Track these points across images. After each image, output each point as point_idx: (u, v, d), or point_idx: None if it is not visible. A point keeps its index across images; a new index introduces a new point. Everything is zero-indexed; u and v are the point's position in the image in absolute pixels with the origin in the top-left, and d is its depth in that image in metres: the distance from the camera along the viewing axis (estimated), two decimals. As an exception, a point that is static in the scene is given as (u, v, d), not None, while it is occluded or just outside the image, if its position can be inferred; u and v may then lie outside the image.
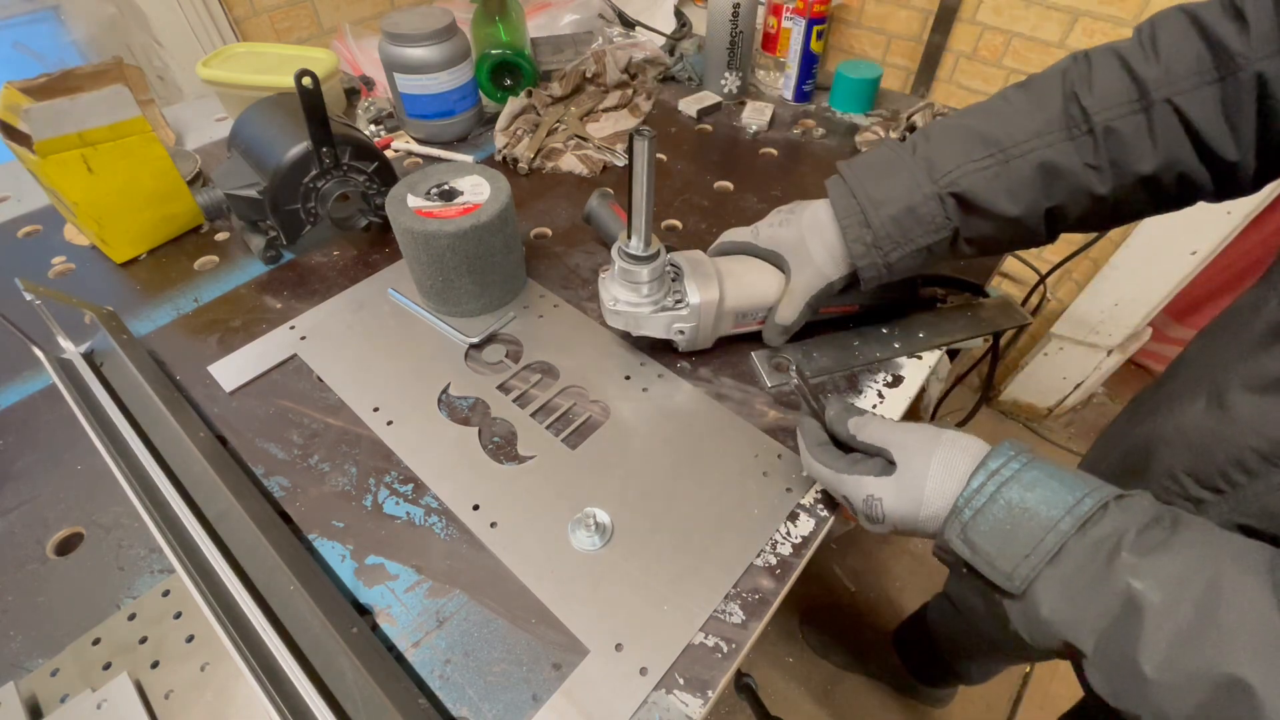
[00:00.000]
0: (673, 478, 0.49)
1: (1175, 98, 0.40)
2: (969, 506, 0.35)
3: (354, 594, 0.43)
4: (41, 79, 0.72)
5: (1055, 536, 0.32)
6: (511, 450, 0.51)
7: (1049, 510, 0.33)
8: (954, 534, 0.35)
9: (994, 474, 0.35)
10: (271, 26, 1.37)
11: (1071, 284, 1.48)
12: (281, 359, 0.58)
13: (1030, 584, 0.32)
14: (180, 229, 0.72)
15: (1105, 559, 0.31)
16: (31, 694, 0.38)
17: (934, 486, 0.36)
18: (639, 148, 0.43)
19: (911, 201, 0.46)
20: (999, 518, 0.34)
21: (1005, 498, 0.34)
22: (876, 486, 0.39)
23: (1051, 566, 0.32)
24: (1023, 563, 0.32)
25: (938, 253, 0.48)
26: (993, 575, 0.34)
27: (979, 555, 0.34)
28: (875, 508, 0.39)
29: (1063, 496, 0.33)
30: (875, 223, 0.47)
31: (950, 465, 0.36)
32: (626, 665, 0.40)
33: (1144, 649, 0.29)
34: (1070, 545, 0.32)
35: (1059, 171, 0.44)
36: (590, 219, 0.69)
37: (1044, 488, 0.33)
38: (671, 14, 1.15)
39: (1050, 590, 0.32)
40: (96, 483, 0.49)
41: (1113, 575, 0.30)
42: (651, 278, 0.51)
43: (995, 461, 0.35)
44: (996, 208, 0.45)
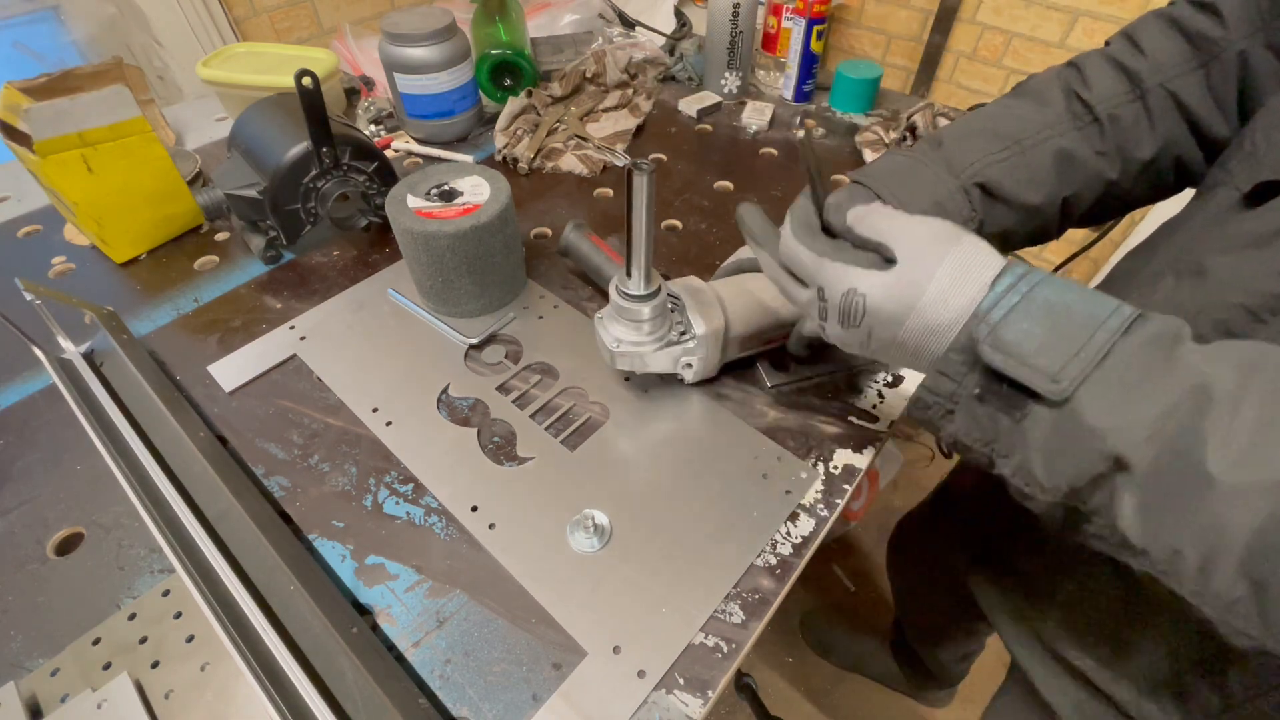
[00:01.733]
0: (672, 479, 0.49)
1: (1167, 83, 0.44)
2: (999, 306, 0.30)
3: (354, 594, 0.43)
4: (41, 79, 0.72)
5: (1105, 333, 0.28)
6: (511, 451, 0.51)
7: (1092, 308, 0.29)
8: (983, 336, 0.30)
9: (1024, 276, 0.31)
10: (271, 26, 1.38)
11: (1071, 284, 1.48)
12: (281, 359, 0.58)
13: (1078, 385, 0.28)
14: (180, 229, 0.72)
15: (1164, 353, 0.28)
16: (31, 694, 0.38)
17: (937, 291, 0.31)
18: (638, 183, 0.40)
19: (938, 197, 0.45)
20: (1036, 316, 0.29)
21: (1042, 296, 0.30)
22: (862, 279, 0.33)
23: (1103, 366, 0.28)
24: (1072, 360, 0.28)
25: None
26: (1030, 378, 0.29)
27: (1013, 358, 0.29)
28: (855, 305, 0.33)
29: (1102, 300, 0.30)
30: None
31: (964, 270, 0.31)
32: (624, 667, 0.40)
33: (1213, 444, 0.25)
34: (1120, 344, 0.28)
35: (1073, 158, 0.45)
36: (567, 252, 0.65)
37: (1079, 291, 0.30)
38: (671, 14, 1.15)
39: (1099, 393, 0.28)
40: (96, 483, 0.49)
41: (1179, 365, 0.27)
42: (653, 315, 0.49)
43: (1021, 267, 0.31)
44: (1020, 197, 0.46)
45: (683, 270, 0.68)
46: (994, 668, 1.14)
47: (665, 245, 0.71)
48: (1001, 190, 0.46)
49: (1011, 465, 0.31)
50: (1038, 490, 0.30)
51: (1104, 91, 0.45)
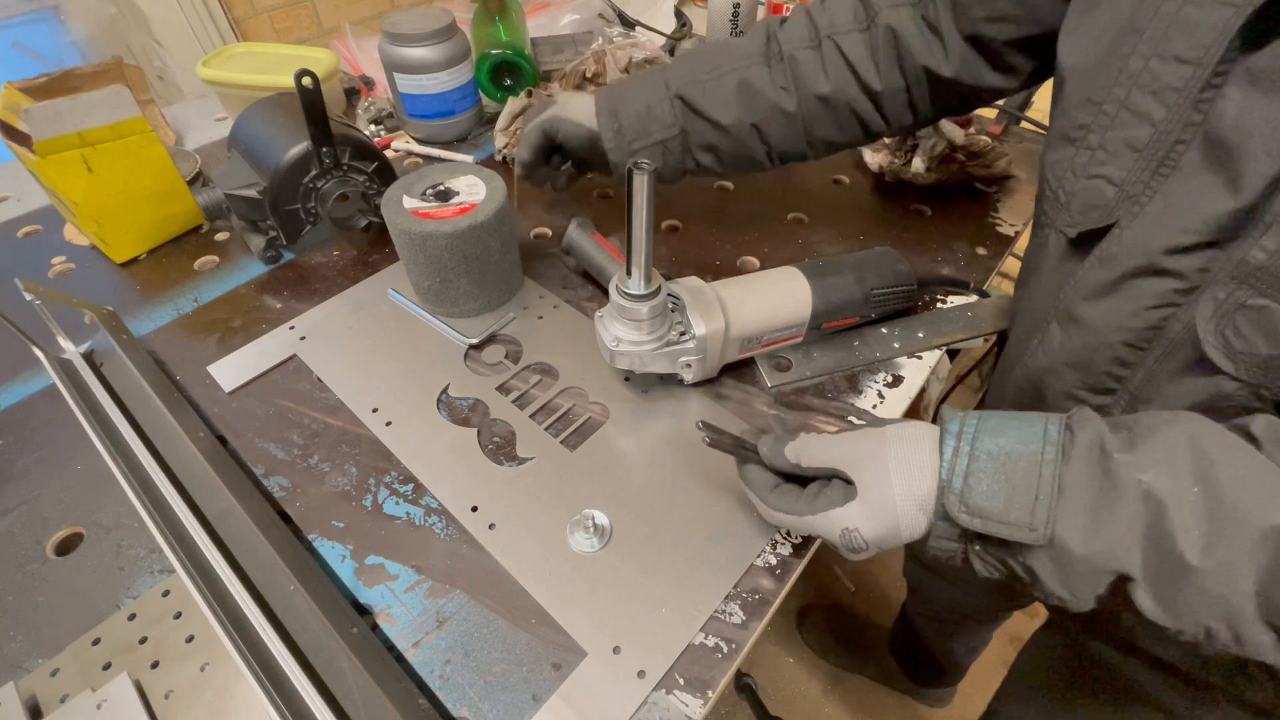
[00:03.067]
0: (672, 479, 0.49)
1: (836, 38, 0.54)
2: (955, 474, 0.32)
3: (354, 594, 0.43)
4: (41, 79, 0.72)
5: (1049, 467, 0.31)
6: (511, 451, 0.51)
7: (1028, 446, 0.31)
8: (955, 509, 0.32)
9: (960, 435, 0.33)
10: (271, 26, 1.38)
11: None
12: (281, 359, 0.58)
13: (1053, 525, 0.30)
14: (180, 229, 0.72)
15: (1102, 469, 0.30)
16: (31, 694, 0.38)
17: (903, 492, 0.34)
18: (639, 182, 0.40)
19: (650, 101, 0.57)
20: (989, 472, 0.32)
21: (984, 450, 0.32)
22: (847, 516, 0.36)
23: (1062, 499, 0.30)
24: (1035, 505, 0.30)
25: (673, 152, 0.58)
26: (1012, 533, 0.31)
27: (990, 519, 0.31)
28: (854, 538, 0.36)
29: (1030, 430, 0.32)
30: (622, 115, 0.57)
31: (909, 462, 0.34)
32: (624, 668, 0.40)
33: (1181, 539, 0.27)
34: (1065, 473, 0.31)
35: (754, 89, 0.55)
36: (570, 250, 0.65)
37: (1009, 430, 0.32)
38: (671, 14, 1.15)
39: (1073, 523, 0.30)
40: (96, 483, 0.49)
41: (1119, 480, 0.29)
42: (653, 314, 0.48)
43: (954, 424, 0.34)
44: (710, 114, 0.56)
45: (683, 270, 0.68)
46: (994, 667, 1.14)
47: (665, 245, 0.71)
48: (696, 105, 0.56)
49: (1039, 592, 0.33)
50: (1070, 604, 0.32)
51: (792, 35, 0.55)
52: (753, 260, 0.69)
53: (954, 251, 0.70)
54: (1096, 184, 0.39)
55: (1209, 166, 0.34)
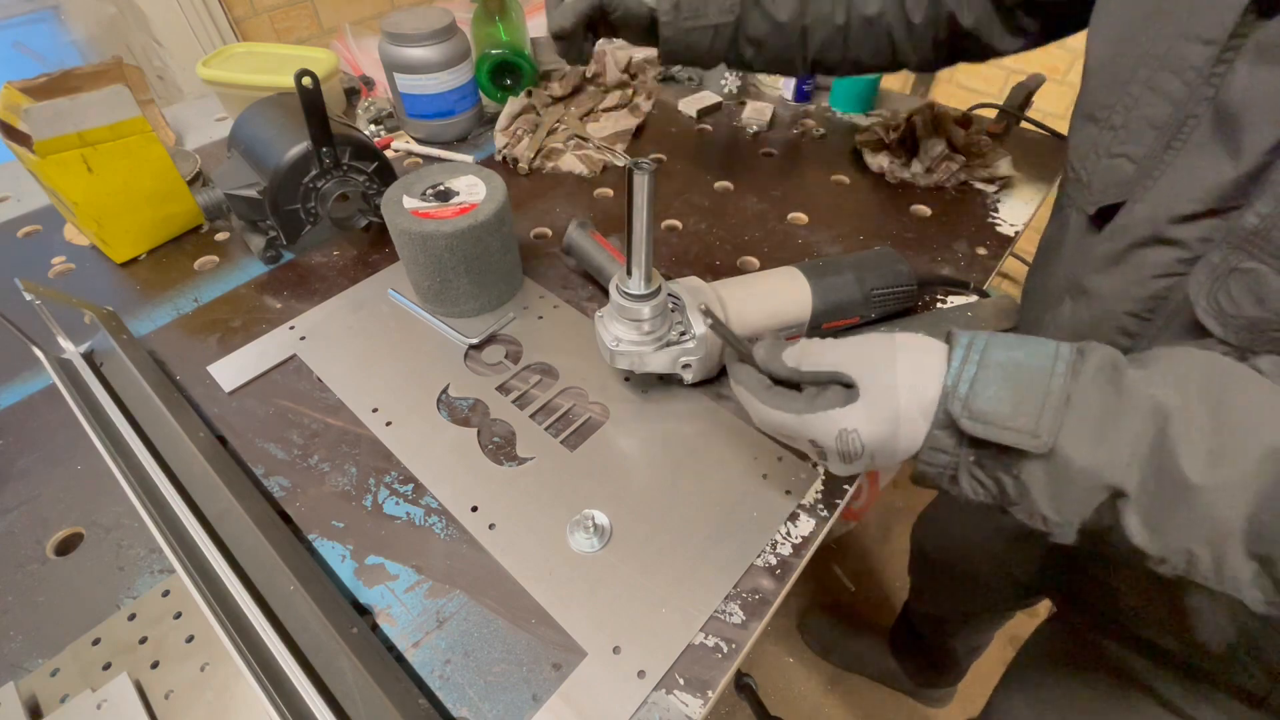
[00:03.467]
0: (672, 480, 0.49)
1: None
2: (963, 380, 0.32)
3: (354, 594, 0.43)
4: (41, 79, 0.72)
5: (1059, 380, 0.30)
6: (511, 451, 0.51)
7: (1039, 360, 0.31)
8: (959, 412, 0.32)
9: (971, 345, 0.33)
10: (271, 26, 1.38)
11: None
12: (281, 359, 0.58)
13: (1057, 434, 0.30)
14: (180, 229, 0.72)
15: (1113, 384, 0.30)
16: (31, 694, 0.38)
17: (907, 396, 0.33)
18: (639, 182, 0.40)
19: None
20: (998, 381, 0.31)
21: (994, 360, 0.32)
22: (847, 417, 0.34)
23: (1069, 409, 0.30)
24: (1043, 413, 0.30)
25: (722, 37, 0.61)
26: (1015, 440, 0.30)
27: (992, 425, 0.31)
28: (852, 440, 0.35)
29: (1041, 348, 0.32)
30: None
31: (918, 366, 0.34)
32: (624, 668, 0.40)
33: (1184, 455, 0.27)
34: (1074, 386, 0.30)
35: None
36: (570, 250, 0.65)
37: (1021, 346, 0.32)
38: (671, 14, 1.15)
39: (1077, 434, 0.30)
40: (96, 483, 0.49)
41: (1129, 395, 0.29)
42: (654, 314, 0.48)
43: (965, 337, 0.34)
44: (769, 6, 0.59)
45: (683, 270, 0.68)
46: (994, 667, 1.13)
47: (665, 245, 0.71)
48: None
49: (1023, 512, 0.33)
50: (1053, 527, 0.32)
51: None
52: (753, 260, 0.69)
53: (954, 251, 0.70)
54: (1118, 162, 0.40)
55: (1216, 138, 0.35)
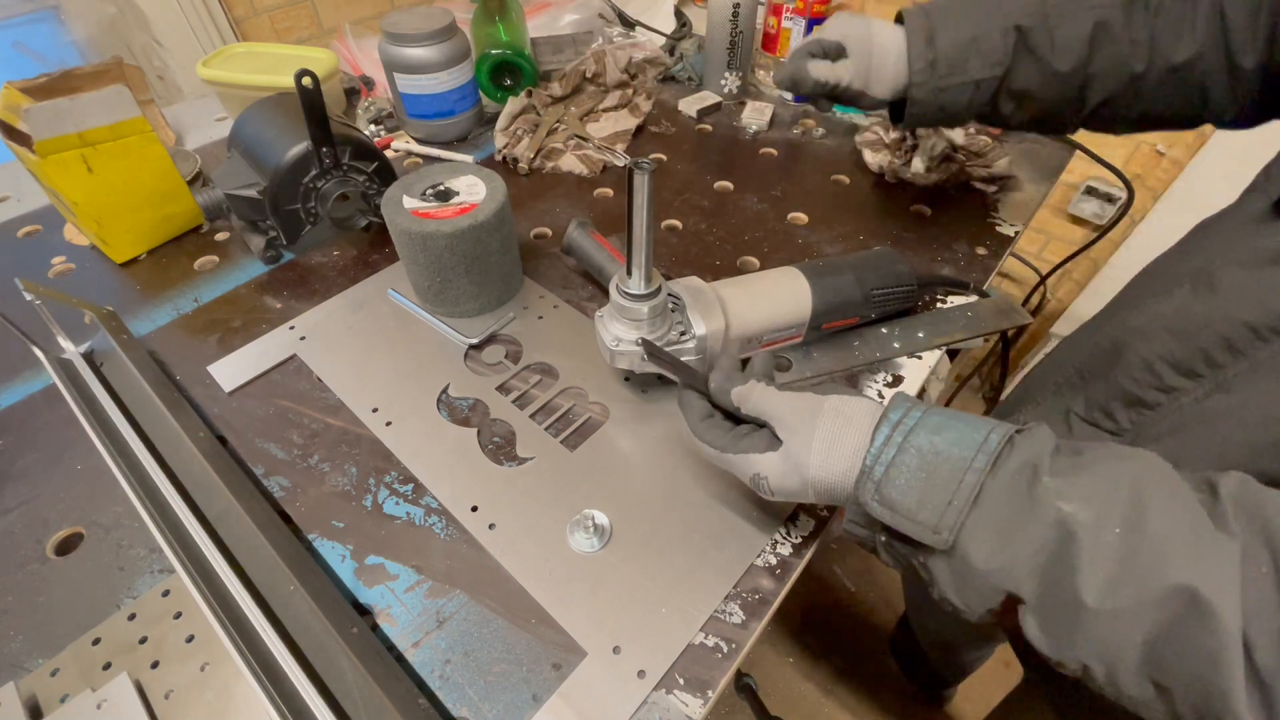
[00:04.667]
0: (672, 480, 0.49)
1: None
2: (879, 463, 0.32)
3: (354, 594, 0.43)
4: (41, 79, 0.72)
5: (973, 475, 0.30)
6: (511, 451, 0.51)
7: (960, 450, 0.31)
8: (868, 496, 0.32)
9: (898, 425, 0.33)
10: (271, 26, 1.38)
11: (1071, 284, 1.48)
12: (281, 359, 0.58)
13: (958, 533, 0.30)
14: (180, 229, 0.72)
15: (1026, 489, 0.29)
16: (31, 694, 0.38)
17: (818, 464, 0.34)
18: (639, 182, 0.40)
19: (978, 32, 0.50)
20: (913, 467, 0.31)
21: (915, 445, 0.32)
22: (761, 464, 0.37)
23: (976, 510, 0.30)
24: (946, 510, 0.30)
25: (984, 92, 0.52)
26: (917, 532, 0.31)
27: (899, 513, 0.31)
28: (763, 485, 0.37)
29: (970, 435, 0.31)
30: (941, 42, 0.50)
31: (834, 440, 0.34)
32: (624, 668, 0.40)
33: (1083, 577, 0.27)
34: (988, 484, 0.30)
35: (1109, 33, 0.48)
36: (570, 250, 0.65)
37: (950, 430, 0.32)
38: (671, 14, 1.15)
39: (979, 536, 0.30)
40: (96, 483, 0.49)
41: (1039, 504, 0.29)
42: (653, 314, 0.48)
43: (896, 413, 0.33)
44: (1048, 56, 0.49)
45: (683, 270, 0.68)
46: (993, 667, 1.14)
47: (665, 245, 0.71)
48: (1035, 43, 0.49)
49: (935, 594, 0.33)
50: (964, 613, 0.32)
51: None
52: (753, 260, 0.69)
53: (954, 251, 0.70)
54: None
55: None
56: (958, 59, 0.50)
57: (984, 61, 0.50)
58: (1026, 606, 0.29)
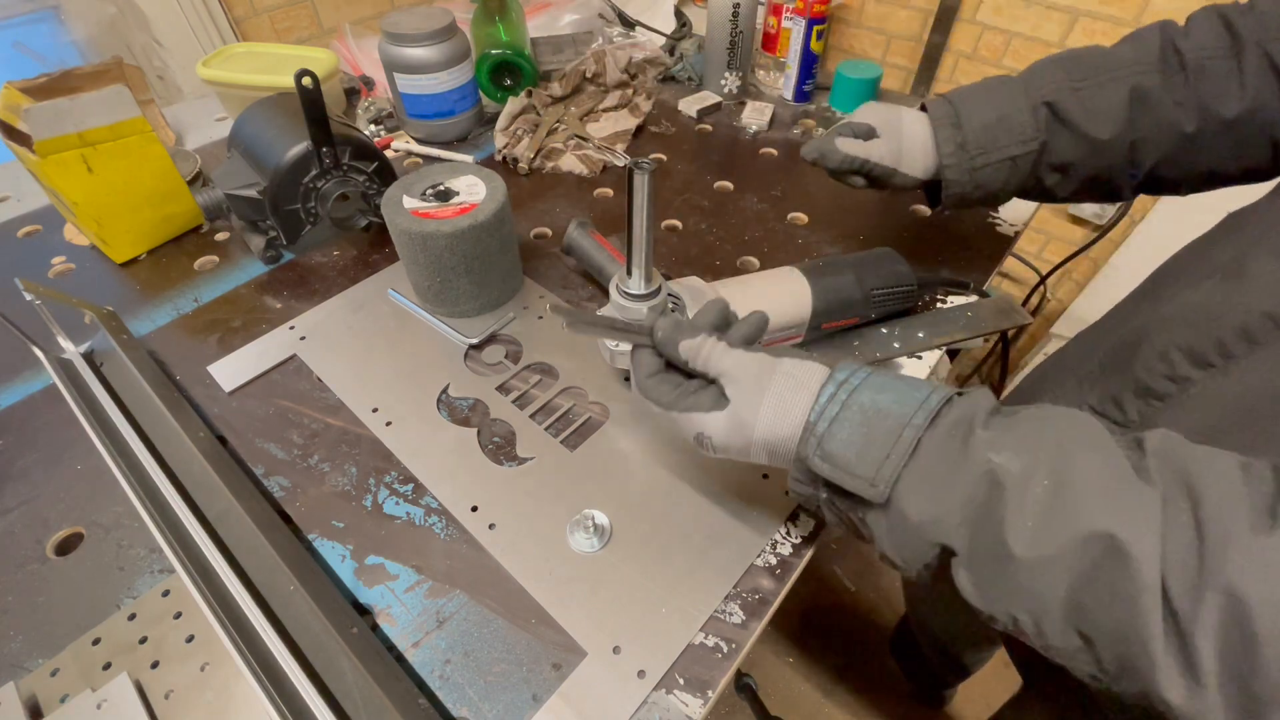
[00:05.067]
0: (672, 479, 0.49)
1: (1266, 44, 0.43)
2: (823, 418, 0.33)
3: (354, 594, 0.43)
4: (41, 79, 0.72)
5: (911, 431, 0.31)
6: (511, 451, 0.51)
7: (901, 408, 0.31)
8: (810, 451, 0.33)
9: (843, 384, 0.33)
10: (271, 26, 1.37)
11: (1071, 284, 1.48)
12: (281, 359, 0.58)
13: (893, 486, 0.31)
14: (180, 229, 0.72)
15: (960, 442, 0.30)
16: (31, 694, 0.38)
17: (766, 425, 0.35)
18: (639, 181, 0.40)
19: (1004, 111, 0.49)
20: (854, 423, 0.32)
21: (858, 402, 0.32)
22: (705, 423, 0.37)
23: (912, 463, 0.30)
24: (884, 464, 0.31)
25: (1022, 168, 0.50)
26: (855, 485, 0.31)
27: (838, 467, 0.32)
28: (706, 444, 0.37)
29: (912, 394, 0.32)
30: (967, 125, 0.50)
31: (783, 403, 0.34)
32: (624, 668, 0.40)
33: (1010, 525, 0.27)
34: (925, 438, 0.31)
35: (1148, 99, 0.46)
36: (570, 250, 0.65)
37: (893, 390, 0.32)
38: (671, 14, 1.15)
39: (914, 489, 0.30)
40: (96, 483, 0.49)
41: (971, 455, 0.29)
42: (653, 315, 0.48)
43: (842, 373, 0.34)
44: (1085, 127, 0.47)
45: (683, 270, 0.68)
46: (994, 667, 1.13)
47: (665, 245, 0.71)
48: (1069, 115, 0.47)
49: (877, 550, 0.34)
50: (901, 569, 0.33)
51: (1202, 42, 0.45)
52: (753, 260, 0.69)
53: (954, 251, 0.70)
54: None
55: None
56: (987, 139, 0.50)
57: (1015, 138, 0.49)
58: (959, 559, 0.30)
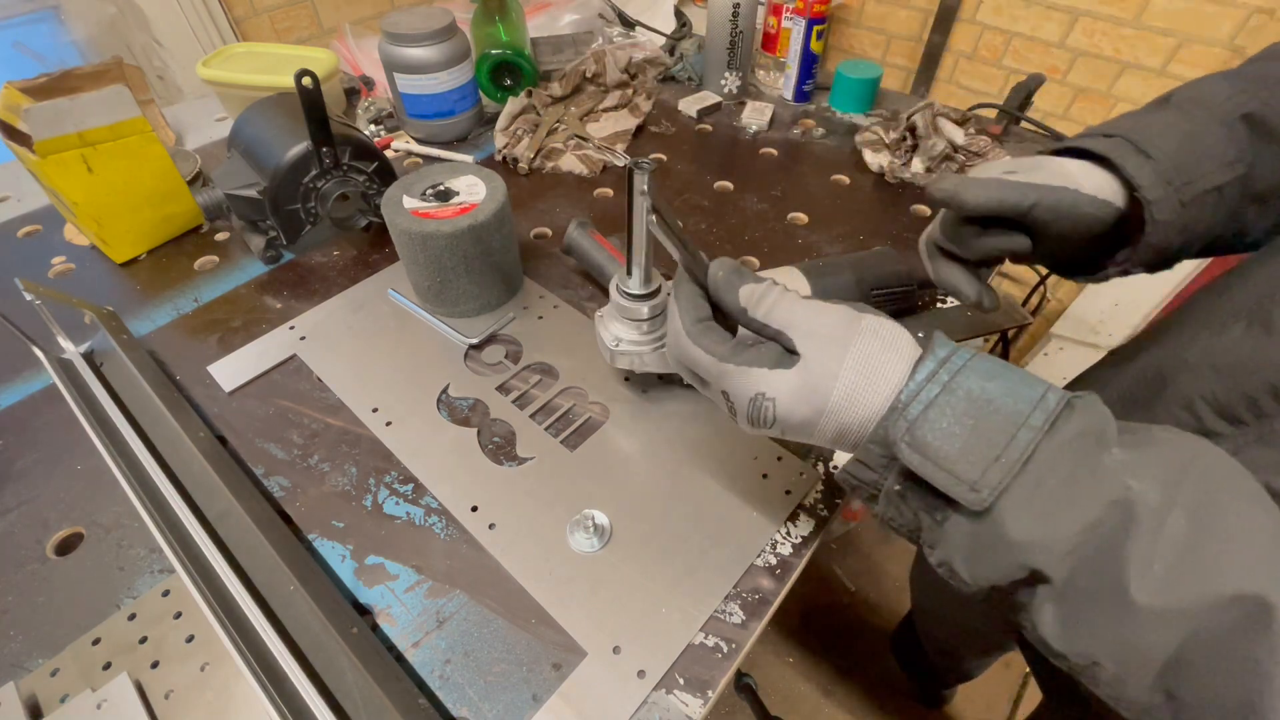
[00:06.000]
0: (672, 479, 0.49)
1: None
2: (917, 400, 0.27)
3: (354, 594, 0.43)
4: (41, 79, 0.72)
5: (1027, 433, 0.26)
6: (511, 451, 0.51)
7: (1015, 403, 0.26)
8: (899, 435, 0.27)
9: (945, 362, 0.28)
10: (271, 26, 1.38)
11: (1071, 284, 1.48)
12: (281, 359, 0.58)
13: (999, 495, 0.26)
14: (180, 229, 0.72)
15: (1089, 458, 0.25)
16: (31, 694, 0.38)
17: (846, 391, 0.29)
18: (639, 181, 0.40)
19: (1190, 128, 0.37)
20: (958, 412, 0.27)
21: (964, 386, 0.27)
22: (769, 382, 0.30)
23: (1024, 472, 0.26)
24: (993, 466, 0.26)
25: (1229, 202, 0.38)
26: (950, 486, 0.26)
27: (931, 460, 0.27)
28: (766, 410, 0.31)
29: (1024, 390, 0.27)
30: (1155, 150, 0.37)
31: (869, 364, 0.29)
32: (624, 668, 0.40)
33: (1134, 566, 0.23)
34: (1043, 445, 0.26)
35: None
36: (570, 250, 0.65)
37: (1003, 379, 0.27)
38: (671, 14, 1.15)
39: (1022, 503, 0.26)
40: (96, 483, 0.49)
41: (1100, 475, 0.25)
42: (653, 314, 0.48)
43: (943, 349, 0.29)
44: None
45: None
46: (996, 668, 1.13)
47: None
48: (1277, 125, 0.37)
49: (936, 557, 0.30)
50: (961, 583, 0.29)
51: None
52: (753, 260, 0.69)
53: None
54: None
55: None
56: (1187, 162, 0.37)
57: (1216, 161, 0.37)
58: (1049, 589, 0.26)
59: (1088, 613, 0.25)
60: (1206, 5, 1.15)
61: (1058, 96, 1.38)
